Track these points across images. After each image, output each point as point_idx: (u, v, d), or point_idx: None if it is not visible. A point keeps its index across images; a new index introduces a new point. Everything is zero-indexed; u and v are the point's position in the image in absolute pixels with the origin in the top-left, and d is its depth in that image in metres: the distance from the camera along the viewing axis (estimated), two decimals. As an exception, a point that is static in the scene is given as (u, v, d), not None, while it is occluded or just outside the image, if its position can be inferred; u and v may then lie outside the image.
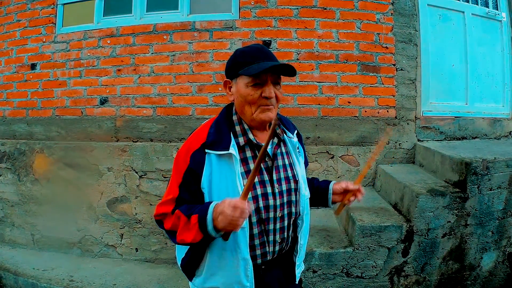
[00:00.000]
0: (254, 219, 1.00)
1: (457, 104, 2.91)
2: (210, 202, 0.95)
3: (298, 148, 1.14)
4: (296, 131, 1.18)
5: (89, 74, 2.85)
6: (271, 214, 1.02)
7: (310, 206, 1.19)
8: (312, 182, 1.25)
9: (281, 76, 1.03)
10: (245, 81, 0.99)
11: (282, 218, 1.05)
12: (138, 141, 2.75)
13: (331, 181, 1.23)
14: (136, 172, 2.71)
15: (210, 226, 0.90)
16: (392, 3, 2.68)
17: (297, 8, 2.64)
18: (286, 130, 1.13)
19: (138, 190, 2.71)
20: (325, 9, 2.63)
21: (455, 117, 2.85)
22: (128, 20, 2.81)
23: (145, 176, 2.69)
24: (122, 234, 2.78)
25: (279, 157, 1.08)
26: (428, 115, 2.78)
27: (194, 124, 2.64)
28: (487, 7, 3.05)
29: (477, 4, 3.02)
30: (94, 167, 2.79)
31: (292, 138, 1.12)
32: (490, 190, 2.12)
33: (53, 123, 2.96)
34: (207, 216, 0.91)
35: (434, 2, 2.85)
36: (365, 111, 2.65)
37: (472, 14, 2.97)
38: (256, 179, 1.01)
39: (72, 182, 2.85)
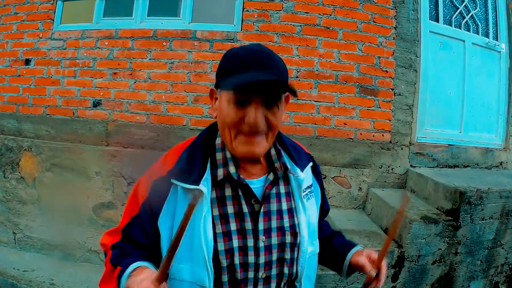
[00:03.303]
0: (225, 278, 0.77)
1: (451, 132, 2.93)
2: (135, 259, 0.76)
3: (310, 187, 0.89)
4: (310, 164, 0.91)
5: (83, 74, 2.80)
6: (251, 274, 0.78)
7: (322, 264, 0.95)
8: (332, 239, 0.99)
9: (282, 95, 0.77)
10: (227, 96, 0.74)
11: (267, 280, 0.80)
12: (129, 147, 2.70)
13: (352, 248, 0.95)
14: (125, 179, 2.66)
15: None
16: (395, 28, 2.69)
17: (300, 26, 2.62)
18: (293, 165, 0.85)
19: (126, 197, 2.64)
20: (328, 28, 2.63)
21: (449, 145, 2.86)
22: (128, 23, 2.76)
23: (133, 184, 2.64)
24: (106, 240, 2.72)
25: (273, 200, 0.82)
26: (422, 141, 2.79)
27: (187, 134, 2.60)
28: (488, 37, 3.08)
29: (478, 34, 3.04)
30: (82, 170, 2.73)
31: (298, 176, 0.85)
32: (482, 220, 2.15)
33: (43, 122, 2.89)
34: (122, 277, 0.73)
35: (436, 29, 2.86)
36: (361, 134, 2.64)
37: (472, 43, 2.99)
38: (234, 228, 0.77)
39: (59, 184, 2.78)
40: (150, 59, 2.68)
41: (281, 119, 0.78)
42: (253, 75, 0.70)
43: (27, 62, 2.97)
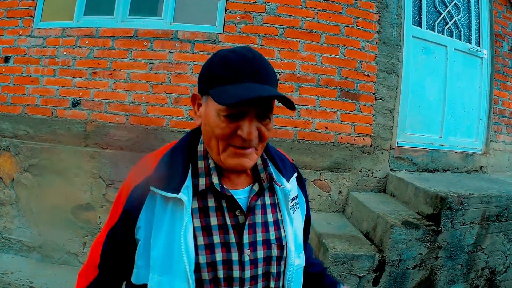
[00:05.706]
0: None
1: (432, 136, 2.95)
2: None
3: (295, 199, 0.85)
4: (295, 174, 0.88)
5: (63, 73, 2.75)
6: None
7: None
8: (319, 279, 0.97)
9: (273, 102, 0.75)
10: (217, 107, 0.69)
11: None
12: (107, 148, 2.66)
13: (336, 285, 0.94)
14: (103, 181, 2.62)
15: None
16: (378, 32, 2.69)
17: (283, 28, 2.61)
18: (280, 175, 0.83)
19: (104, 199, 2.62)
20: (311, 31, 2.62)
21: (429, 149, 2.88)
22: (109, 22, 2.72)
23: (112, 185, 2.61)
24: (85, 243, 2.69)
25: (259, 212, 0.78)
26: (403, 145, 2.80)
27: (167, 136, 2.58)
28: (470, 43, 3.11)
29: (461, 40, 3.06)
30: (61, 171, 2.68)
31: (284, 187, 0.82)
32: (463, 225, 2.17)
33: (21, 121, 2.84)
34: None
35: (419, 34, 2.87)
36: (341, 138, 2.65)
37: (454, 49, 3.01)
38: (218, 240, 0.73)
39: (37, 185, 2.74)
40: (130, 59, 2.65)
41: (271, 129, 0.77)
42: (250, 89, 0.67)
43: (6, 60, 2.91)
